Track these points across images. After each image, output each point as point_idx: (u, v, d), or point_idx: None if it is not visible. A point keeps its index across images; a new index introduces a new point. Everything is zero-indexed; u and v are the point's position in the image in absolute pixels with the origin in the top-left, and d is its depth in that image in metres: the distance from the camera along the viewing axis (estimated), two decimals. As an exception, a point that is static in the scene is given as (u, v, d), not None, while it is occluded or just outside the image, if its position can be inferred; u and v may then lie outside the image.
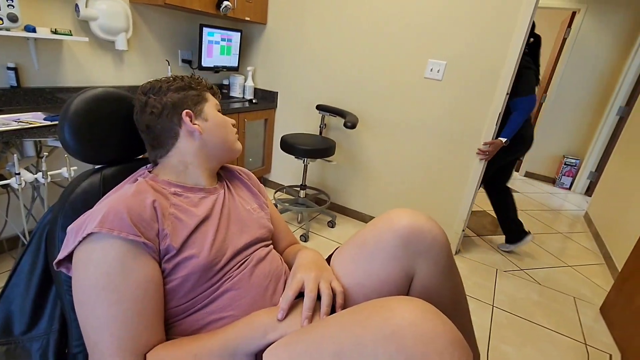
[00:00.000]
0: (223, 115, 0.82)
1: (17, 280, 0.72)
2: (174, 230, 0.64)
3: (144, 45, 2.22)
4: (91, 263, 0.57)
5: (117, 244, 0.57)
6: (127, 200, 0.61)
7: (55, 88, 1.84)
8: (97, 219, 0.57)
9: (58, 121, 0.72)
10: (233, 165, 0.95)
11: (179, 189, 0.73)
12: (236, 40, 2.63)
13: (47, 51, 1.78)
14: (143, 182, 0.69)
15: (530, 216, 3.20)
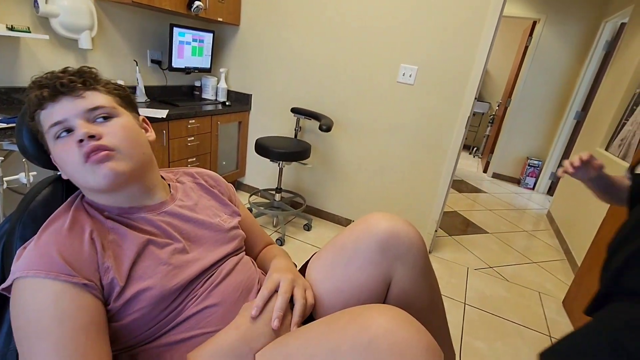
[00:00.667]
0: (59, 148, 0.59)
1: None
2: (116, 260, 0.58)
3: (110, 44, 2.13)
4: (20, 309, 0.51)
5: (47, 286, 0.51)
6: (59, 238, 0.56)
7: (11, 88, 1.72)
8: (24, 263, 0.53)
9: (15, 124, 0.67)
10: (199, 169, 0.88)
11: (115, 210, 0.64)
12: (208, 41, 2.57)
13: (2, 49, 1.66)
14: (78, 209, 0.63)
15: (498, 215, 3.34)
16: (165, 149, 2.12)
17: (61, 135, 0.59)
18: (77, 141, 0.57)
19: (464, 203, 3.56)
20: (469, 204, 3.55)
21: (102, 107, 0.61)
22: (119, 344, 0.60)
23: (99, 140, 0.58)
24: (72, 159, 0.58)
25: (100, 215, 0.64)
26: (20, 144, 0.68)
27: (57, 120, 0.58)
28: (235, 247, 0.77)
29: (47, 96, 0.58)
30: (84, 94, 0.60)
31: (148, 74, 2.41)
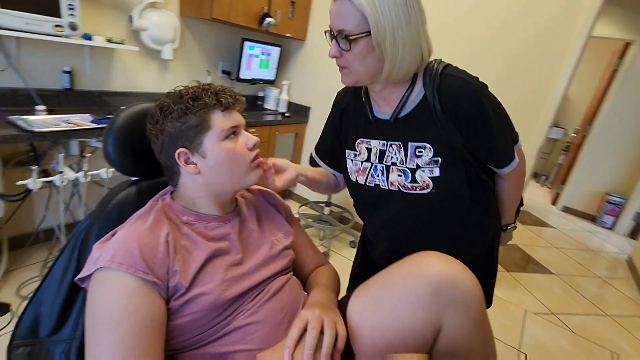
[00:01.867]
0: (230, 146, 0.69)
1: (49, 282, 0.74)
2: (184, 265, 0.63)
3: (188, 55, 2.32)
4: (97, 297, 0.57)
5: (126, 280, 0.57)
6: (141, 235, 0.62)
7: (103, 92, 1.95)
8: (110, 253, 0.58)
9: (104, 132, 0.75)
10: (260, 187, 0.93)
11: (192, 217, 0.72)
12: (275, 54, 2.69)
13: (100, 57, 1.89)
14: (160, 210, 0.69)
15: (566, 255, 3.01)
16: (225, 155, 2.23)
17: (230, 136, 0.70)
18: (252, 145, 0.72)
19: (526, 236, 3.27)
20: (532, 238, 3.25)
21: (245, 124, 0.76)
22: (168, 345, 0.63)
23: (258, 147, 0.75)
24: (244, 157, 0.72)
25: (179, 220, 0.70)
26: (105, 150, 0.76)
27: (236, 124, 0.71)
28: (285, 266, 0.78)
29: (228, 105, 0.69)
30: (240, 110, 0.75)
31: (217, 83, 2.57)
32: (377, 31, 0.66)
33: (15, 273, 1.67)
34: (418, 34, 0.69)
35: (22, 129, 1.35)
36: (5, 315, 1.44)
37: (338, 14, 0.68)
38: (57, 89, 1.76)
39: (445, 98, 0.73)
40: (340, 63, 0.74)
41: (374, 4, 0.64)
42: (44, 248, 1.86)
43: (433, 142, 0.76)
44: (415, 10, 0.68)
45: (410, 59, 0.71)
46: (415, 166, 0.78)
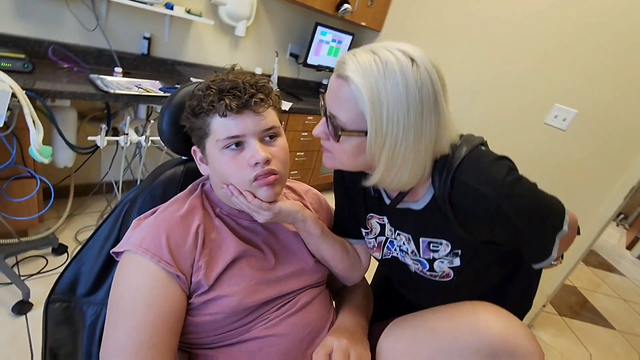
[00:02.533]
0: (226, 159, 0.60)
1: (93, 244, 0.77)
2: (210, 261, 0.60)
3: (260, 34, 2.32)
4: (121, 279, 0.57)
5: (149, 267, 0.55)
6: (172, 223, 0.59)
7: (176, 61, 2.02)
8: (139, 237, 0.57)
9: (162, 107, 0.75)
10: (308, 186, 0.87)
11: (225, 209, 0.68)
12: (346, 43, 2.60)
13: (178, 27, 1.95)
14: (197, 197, 0.67)
15: (634, 310, 2.63)
16: (279, 139, 2.23)
17: (230, 146, 0.60)
18: (253, 163, 0.59)
19: (588, 279, 2.91)
20: (595, 283, 2.88)
21: (275, 127, 0.63)
22: (183, 339, 0.62)
23: (269, 163, 0.60)
24: (240, 175, 0.60)
25: (212, 211, 0.67)
26: (159, 125, 0.75)
27: (236, 134, 0.59)
28: (318, 280, 0.73)
29: (234, 107, 0.58)
30: (265, 111, 0.61)
31: (284, 66, 2.57)
32: (375, 138, 0.53)
33: (77, 218, 1.82)
34: (426, 151, 0.55)
35: (99, 88, 1.43)
36: (62, 255, 1.58)
37: (335, 95, 0.56)
38: (135, 53, 1.85)
39: (459, 209, 0.59)
40: (325, 145, 0.62)
41: (379, 110, 0.51)
42: (104, 199, 2.01)
43: (450, 239, 0.64)
44: (432, 124, 0.53)
45: (409, 175, 0.57)
46: (432, 258, 0.67)
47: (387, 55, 0.52)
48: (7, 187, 1.34)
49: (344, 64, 0.54)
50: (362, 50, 0.54)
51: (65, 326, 0.72)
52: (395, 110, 0.51)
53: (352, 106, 0.53)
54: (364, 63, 0.52)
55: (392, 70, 0.51)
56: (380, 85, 0.50)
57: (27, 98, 1.17)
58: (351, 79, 0.52)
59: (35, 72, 1.40)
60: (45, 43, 1.58)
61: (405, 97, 0.51)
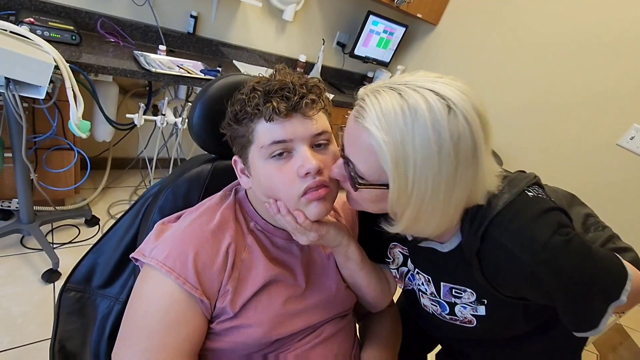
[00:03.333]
0: (271, 169, 0.52)
1: (112, 236, 0.73)
2: (239, 286, 0.54)
3: (308, 20, 2.22)
4: (140, 294, 0.52)
5: (171, 288, 0.50)
6: (201, 240, 0.53)
7: (220, 42, 1.97)
8: (164, 252, 0.51)
9: (195, 98, 0.68)
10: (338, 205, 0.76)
11: (260, 224, 0.61)
12: (398, 35, 2.44)
13: (225, 7, 1.89)
14: (230, 207, 0.60)
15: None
16: (316, 132, 2.14)
17: (276, 155, 0.52)
18: (304, 174, 0.51)
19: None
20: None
21: (326, 133, 0.55)
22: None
23: (321, 174, 0.53)
24: (289, 189, 0.52)
25: (246, 225, 0.61)
26: (190, 118, 0.69)
27: (283, 139, 0.51)
28: (345, 309, 0.66)
29: (282, 110, 0.50)
30: (315, 114, 0.53)
31: (329, 55, 2.46)
32: (398, 197, 0.46)
33: (112, 191, 1.86)
34: (456, 207, 0.48)
35: (141, 66, 1.41)
36: (93, 227, 1.61)
37: (354, 141, 0.48)
38: (181, 31, 1.82)
39: (488, 266, 0.51)
40: (343, 186, 0.55)
41: (404, 169, 0.43)
42: (139, 175, 2.04)
43: (475, 288, 0.56)
44: (467, 179, 0.45)
45: (435, 229, 0.50)
46: (453, 302, 0.60)
47: (417, 101, 0.43)
48: (47, 158, 1.36)
49: (362, 109, 0.45)
50: (387, 90, 0.45)
51: (76, 317, 0.70)
52: (423, 169, 0.43)
53: (373, 159, 0.45)
54: (388, 111, 0.43)
55: (423, 122, 0.42)
56: (407, 141, 0.42)
57: (70, 71, 1.16)
58: (372, 130, 0.44)
59: (82, 44, 1.40)
60: (96, 15, 1.58)
61: (437, 155, 0.42)
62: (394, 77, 0.49)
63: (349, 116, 0.49)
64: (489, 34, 2.11)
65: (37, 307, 1.23)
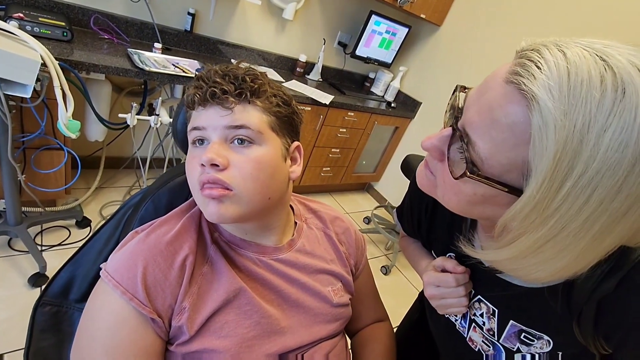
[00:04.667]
0: (190, 154, 0.51)
1: (92, 246, 0.69)
2: (197, 302, 0.49)
3: (309, 18, 2.17)
4: (87, 309, 0.47)
5: (118, 305, 0.45)
6: (154, 251, 0.48)
7: (219, 40, 1.93)
8: (114, 265, 0.47)
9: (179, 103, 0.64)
10: (337, 213, 0.72)
11: (225, 236, 0.56)
12: (401, 35, 2.39)
13: (224, 5, 1.85)
14: (194, 216, 0.55)
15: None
16: (315, 133, 2.10)
17: (196, 142, 0.51)
18: (200, 164, 0.47)
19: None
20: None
21: (245, 128, 0.49)
22: None
23: (221, 171, 0.47)
24: (192, 177, 0.50)
25: (210, 235, 0.55)
26: (173, 124, 0.65)
27: (197, 125, 0.50)
28: (335, 331, 0.60)
29: (197, 101, 0.50)
30: (235, 107, 0.49)
31: (330, 55, 2.41)
32: (530, 212, 0.32)
33: (105, 191, 1.82)
34: (605, 249, 0.33)
35: (134, 64, 1.37)
36: (84, 229, 1.57)
37: (490, 107, 0.33)
38: (178, 29, 1.78)
39: (609, 321, 0.39)
40: (430, 164, 0.43)
41: (565, 173, 0.29)
42: (133, 175, 2.00)
43: (557, 337, 0.45)
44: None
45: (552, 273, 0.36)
46: (516, 349, 0.49)
47: (631, 77, 0.28)
48: (35, 158, 1.32)
49: (531, 65, 0.31)
50: (578, 47, 0.30)
51: (51, 334, 0.66)
52: (594, 183, 0.29)
53: (513, 142, 0.31)
54: (579, 79, 0.28)
55: (630, 112, 0.27)
56: (591, 132, 0.28)
57: (59, 69, 1.12)
58: (541, 102, 0.29)
59: (74, 41, 1.36)
60: (89, 11, 1.53)
61: (627, 169, 0.28)
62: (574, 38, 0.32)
63: (491, 77, 0.35)
64: (494, 35, 2.06)
65: (22, 312, 1.20)
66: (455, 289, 0.51)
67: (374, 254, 2.20)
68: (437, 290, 0.53)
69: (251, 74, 0.51)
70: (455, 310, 0.53)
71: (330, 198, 2.62)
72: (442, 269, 0.54)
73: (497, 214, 0.36)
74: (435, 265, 0.55)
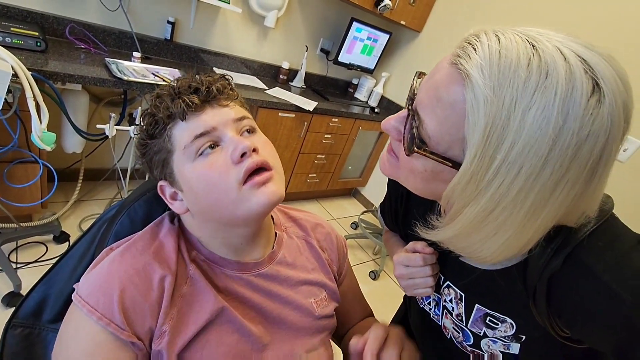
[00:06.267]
0: (201, 167, 0.47)
1: (64, 265, 0.66)
2: (178, 325, 0.47)
3: (290, 26, 2.18)
4: (60, 343, 0.45)
5: (93, 329, 0.43)
6: (129, 273, 0.46)
7: (200, 49, 1.91)
8: (88, 288, 0.45)
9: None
10: (319, 220, 0.71)
11: (205, 254, 0.54)
12: (382, 42, 2.42)
13: (204, 13, 1.84)
14: (171, 234, 0.52)
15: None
16: (300, 140, 2.09)
17: (204, 151, 0.47)
18: (238, 156, 0.45)
19: None
20: None
21: (247, 118, 0.51)
22: None
23: (258, 152, 0.47)
24: (224, 180, 0.45)
25: (187, 253, 0.53)
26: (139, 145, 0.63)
27: (205, 129, 0.47)
28: (319, 343, 0.59)
29: (196, 102, 0.47)
30: (229, 103, 0.51)
31: (313, 62, 2.42)
32: (467, 184, 0.34)
33: (84, 205, 1.77)
34: (538, 229, 0.35)
35: (112, 74, 1.34)
36: (63, 244, 1.52)
37: (435, 89, 0.36)
38: (157, 37, 1.76)
39: (561, 297, 0.40)
40: (392, 145, 0.44)
41: (495, 146, 0.32)
42: (114, 187, 1.96)
43: (519, 320, 0.46)
44: (569, 196, 0.33)
45: (495, 252, 0.38)
46: (482, 334, 0.50)
47: (555, 61, 0.30)
48: (8, 172, 1.28)
49: (469, 47, 0.34)
50: (516, 35, 0.33)
51: (22, 358, 0.63)
52: (520, 157, 0.31)
53: (454, 120, 0.34)
54: (508, 60, 0.31)
55: (551, 93, 0.30)
56: (517, 109, 0.30)
57: (31, 80, 1.09)
58: (473, 80, 0.32)
59: (48, 51, 1.33)
60: (65, 21, 1.50)
61: (548, 147, 0.30)
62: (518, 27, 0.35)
63: (440, 62, 0.38)
64: (473, 42, 2.11)
65: (-4, 334, 1.14)
66: (422, 268, 0.53)
67: (362, 259, 2.19)
68: (405, 269, 0.54)
69: (221, 79, 0.53)
70: (422, 292, 0.54)
71: (317, 204, 2.61)
72: (412, 251, 0.55)
73: (444, 202, 0.39)
74: (407, 248, 0.56)
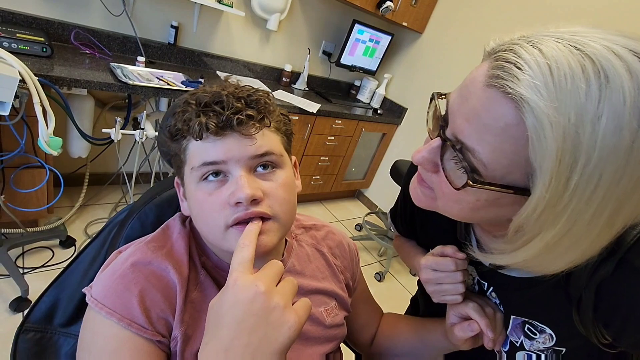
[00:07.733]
0: (201, 195, 0.45)
1: (76, 268, 0.67)
2: (187, 333, 0.46)
3: (293, 29, 2.19)
4: (82, 337, 0.45)
5: (112, 330, 0.42)
6: (144, 273, 0.45)
7: (203, 52, 1.92)
8: (102, 290, 0.44)
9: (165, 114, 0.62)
10: (330, 228, 0.69)
11: (214, 261, 0.52)
12: (384, 43, 2.43)
13: (207, 17, 1.85)
14: (183, 237, 0.51)
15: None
16: (303, 142, 2.10)
17: (208, 177, 0.45)
18: (234, 203, 0.42)
19: None
20: None
21: (270, 154, 0.46)
22: None
23: (259, 204, 0.44)
24: (215, 217, 0.44)
25: (198, 258, 0.53)
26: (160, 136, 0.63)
27: (214, 160, 0.44)
28: (329, 351, 0.58)
29: (212, 127, 0.43)
30: (257, 133, 0.45)
31: (315, 64, 2.43)
32: (542, 211, 0.31)
33: (90, 209, 1.77)
34: (617, 231, 0.33)
35: (117, 78, 1.35)
36: (69, 249, 1.52)
37: (477, 113, 0.33)
38: (161, 42, 1.77)
39: (611, 304, 0.39)
40: (424, 177, 0.41)
41: (569, 167, 0.29)
42: (119, 191, 1.96)
43: (560, 331, 0.44)
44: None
45: (569, 262, 0.35)
46: (520, 344, 0.49)
47: (609, 61, 0.28)
48: (15, 177, 1.28)
49: (509, 65, 0.31)
50: (551, 40, 0.30)
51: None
52: (598, 169, 0.28)
53: (510, 144, 0.31)
54: (561, 73, 0.28)
55: (619, 96, 0.27)
56: (585, 124, 0.28)
57: (38, 85, 1.10)
58: (531, 103, 0.28)
59: (54, 56, 1.34)
60: (70, 26, 1.51)
61: (627, 151, 0.28)
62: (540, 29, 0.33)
63: (466, 81, 0.35)
64: (474, 40, 2.11)
65: (3, 340, 1.14)
66: (453, 273, 0.50)
67: (367, 261, 2.19)
68: (433, 274, 0.52)
69: (261, 93, 0.48)
70: (450, 298, 0.51)
71: (321, 206, 2.61)
72: (441, 255, 0.52)
73: (501, 215, 0.36)
74: (435, 252, 0.54)
